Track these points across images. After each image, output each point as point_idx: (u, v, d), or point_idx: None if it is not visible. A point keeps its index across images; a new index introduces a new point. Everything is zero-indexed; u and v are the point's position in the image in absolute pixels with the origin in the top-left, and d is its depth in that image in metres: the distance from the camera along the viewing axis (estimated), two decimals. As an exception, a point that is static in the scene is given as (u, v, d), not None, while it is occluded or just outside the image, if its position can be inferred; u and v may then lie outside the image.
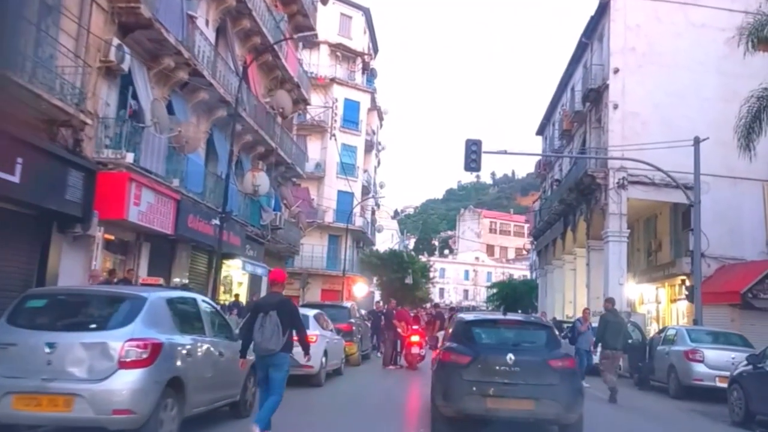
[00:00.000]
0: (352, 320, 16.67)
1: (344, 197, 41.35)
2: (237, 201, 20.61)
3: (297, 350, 7.39)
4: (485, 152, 18.57)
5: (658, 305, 30.10)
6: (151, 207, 14.74)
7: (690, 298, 18.78)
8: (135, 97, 14.65)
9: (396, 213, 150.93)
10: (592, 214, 28.05)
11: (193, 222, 17.07)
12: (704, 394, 12.97)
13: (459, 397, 7.63)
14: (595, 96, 27.47)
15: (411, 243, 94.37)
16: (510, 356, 7.66)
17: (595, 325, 13.98)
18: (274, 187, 24.61)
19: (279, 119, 25.80)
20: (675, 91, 26.33)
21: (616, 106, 25.92)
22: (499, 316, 9.99)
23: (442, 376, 8.02)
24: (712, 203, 25.92)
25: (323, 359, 12.10)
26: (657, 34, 26.86)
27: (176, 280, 17.02)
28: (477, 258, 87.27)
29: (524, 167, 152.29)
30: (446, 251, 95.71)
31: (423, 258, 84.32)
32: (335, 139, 35.87)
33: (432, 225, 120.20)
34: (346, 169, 41.36)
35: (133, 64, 14.78)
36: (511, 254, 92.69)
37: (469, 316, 10.00)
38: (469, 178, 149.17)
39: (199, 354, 6.89)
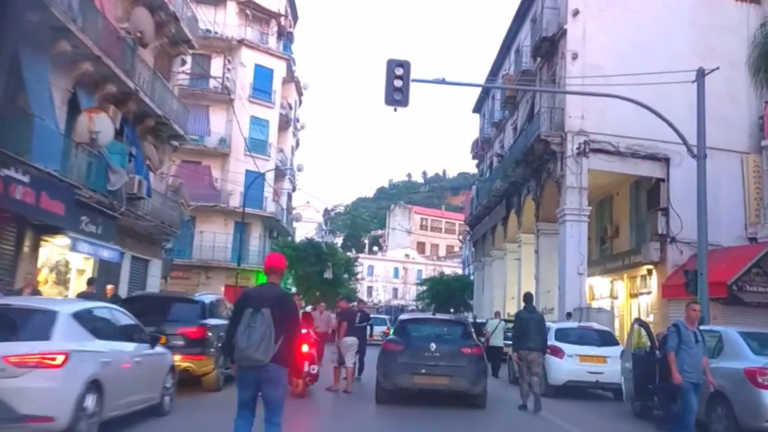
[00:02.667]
0: (208, 322, 10.44)
1: (253, 178, 34.89)
2: (57, 149, 14.09)
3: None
4: (415, 80, 12.75)
5: (614, 301, 25.17)
6: None
7: (691, 288, 13.50)
8: None
9: (326, 211, 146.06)
10: (542, 190, 22.74)
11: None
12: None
13: (395, 375, 10.32)
14: (549, 47, 22.19)
15: (339, 241, 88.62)
16: (432, 345, 10.32)
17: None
18: (134, 143, 18.04)
19: (149, 60, 19.32)
20: (642, 43, 21.40)
21: (575, 56, 20.69)
22: (428, 315, 13.80)
23: (383, 360, 10.59)
24: (685, 178, 21.07)
25: (83, 399, 5.89)
26: (622, -28, 21.89)
27: None
28: (407, 255, 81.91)
29: (456, 167, 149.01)
30: (375, 248, 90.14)
31: (351, 254, 78.67)
32: (228, 93, 29.31)
33: (362, 224, 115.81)
34: (256, 146, 34.93)
35: None
36: (443, 251, 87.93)
37: (404, 316, 13.18)
38: (400, 176, 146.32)
39: None
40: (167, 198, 21.46)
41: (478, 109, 37.68)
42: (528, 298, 11.58)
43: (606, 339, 12.61)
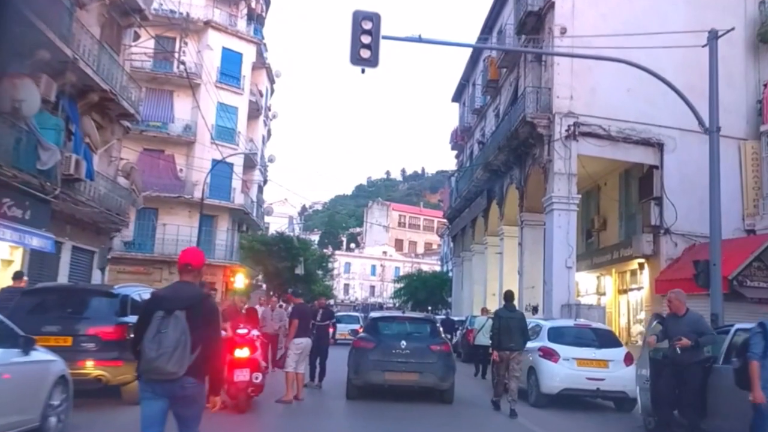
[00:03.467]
0: (130, 320, 8.43)
1: (220, 169, 32.77)
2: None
3: None
4: (386, 37, 10.85)
5: (600, 298, 23.56)
6: None
7: (701, 281, 11.80)
8: None
9: (304, 208, 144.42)
10: (527, 178, 21.01)
11: None
12: None
13: (366, 372, 10.46)
14: (535, 22, 20.43)
15: (316, 238, 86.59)
16: (403, 342, 10.54)
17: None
18: (73, 119, 15.91)
19: (94, 29, 17.19)
20: (634, 19, 19.79)
21: (563, 31, 18.97)
22: (397, 314, 15.16)
23: (354, 357, 10.73)
24: (679, 165, 19.67)
25: None
26: (612, -58, 20.23)
27: None
28: (385, 252, 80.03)
29: (435, 164, 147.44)
30: (352, 245, 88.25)
31: (327, 251, 76.63)
32: (188, 76, 27.10)
33: (340, 221, 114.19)
34: (224, 134, 32.85)
35: None
36: (421, 249, 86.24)
37: (375, 314, 14.31)
38: (379, 174, 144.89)
39: None
40: (116, 183, 19.34)
41: (457, 97, 35.84)
42: (508, 296, 10.77)
43: (607, 340, 10.80)
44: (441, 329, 12.08)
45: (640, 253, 19.54)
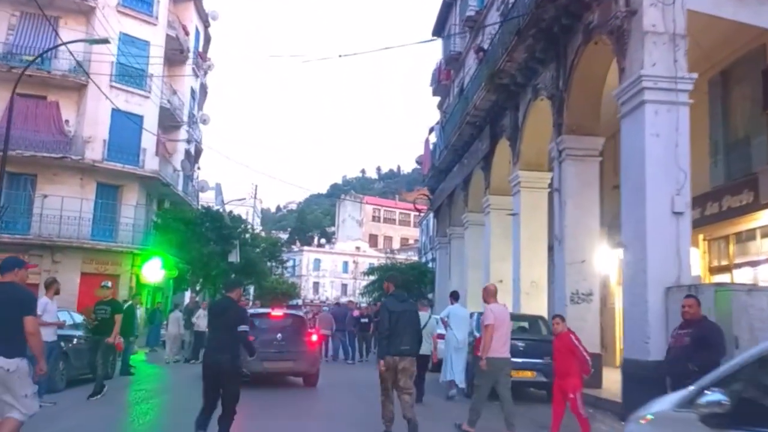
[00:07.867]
0: None
1: (125, 123, 23.08)
2: None
3: None
4: None
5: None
6: None
7: None
8: None
9: (278, 209, 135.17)
10: (572, 73, 11.59)
11: None
12: None
13: (247, 362, 9.61)
14: None
15: (286, 236, 76.98)
16: (279, 335, 11.68)
17: None
18: None
19: None
20: None
21: None
22: (268, 310, 14.01)
23: None
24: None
25: None
26: None
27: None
28: (358, 248, 70.30)
29: (411, 163, 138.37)
30: (323, 240, 78.54)
31: (295, 247, 67.06)
32: None
33: (315, 221, 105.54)
34: (130, 77, 23.23)
35: None
36: (397, 244, 76.72)
37: (252, 311, 13.60)
38: (354, 173, 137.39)
39: None
40: None
41: (440, 28, 26.24)
42: (394, 279, 7.63)
43: None
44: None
45: (777, 198, 10.33)
